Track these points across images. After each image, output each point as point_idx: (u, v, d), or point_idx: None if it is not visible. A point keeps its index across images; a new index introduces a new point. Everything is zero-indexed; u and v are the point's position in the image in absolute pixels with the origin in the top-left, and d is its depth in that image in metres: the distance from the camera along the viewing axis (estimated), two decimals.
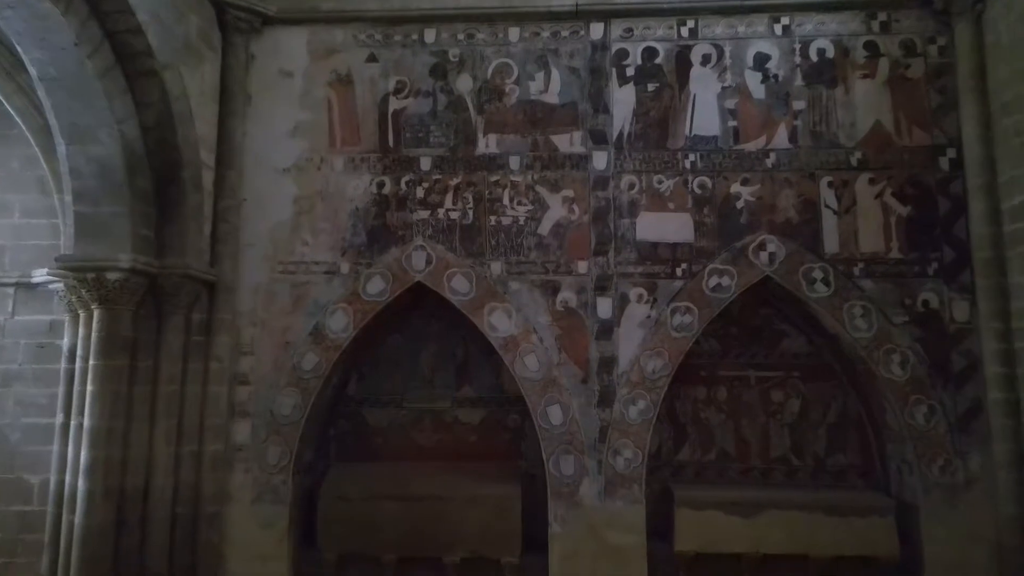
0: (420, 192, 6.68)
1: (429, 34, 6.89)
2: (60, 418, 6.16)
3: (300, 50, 6.92)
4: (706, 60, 6.73)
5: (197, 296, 6.34)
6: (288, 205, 6.72)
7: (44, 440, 6.63)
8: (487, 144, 6.73)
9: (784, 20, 6.70)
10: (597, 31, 6.80)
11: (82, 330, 6.03)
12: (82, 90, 5.56)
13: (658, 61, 6.76)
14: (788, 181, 6.49)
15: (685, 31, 6.76)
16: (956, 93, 6.39)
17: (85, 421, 5.78)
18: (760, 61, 6.68)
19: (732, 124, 6.61)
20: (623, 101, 6.71)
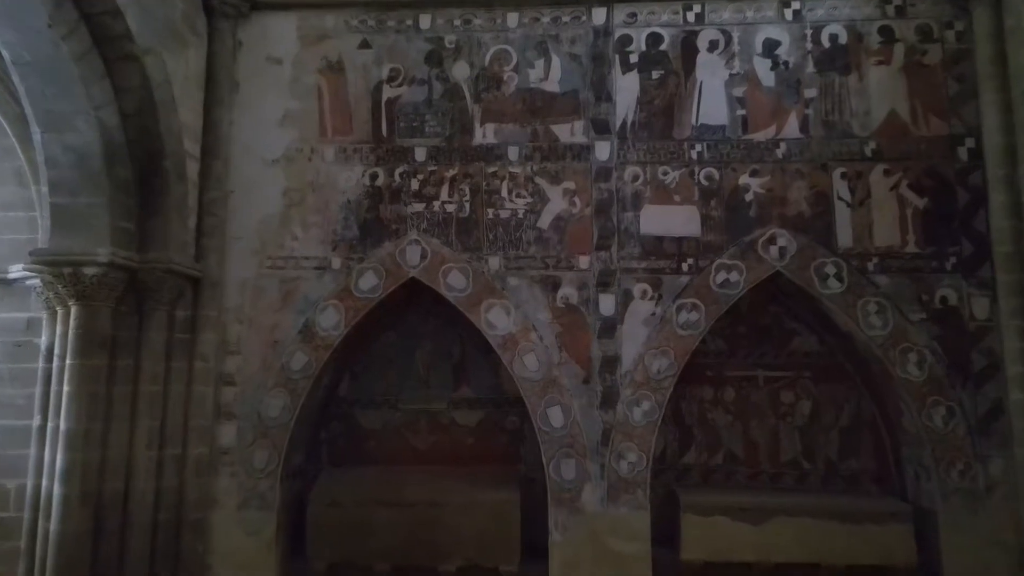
0: (415, 184, 6.55)
1: (424, 19, 6.74)
2: (37, 420, 5.96)
3: (289, 36, 6.78)
4: (713, 46, 6.58)
5: (181, 292, 6.19)
6: (277, 197, 6.58)
7: (21, 443, 6.38)
8: (484, 134, 6.58)
9: (795, 4, 6.55)
10: (599, 16, 6.65)
11: (59, 328, 5.84)
12: (57, 75, 5.37)
13: (663, 47, 6.61)
14: (799, 172, 6.36)
15: (691, 16, 6.62)
16: (975, 80, 6.26)
17: (61, 423, 5.63)
18: (770, 47, 6.54)
19: (740, 113, 6.47)
20: (626, 89, 6.56)
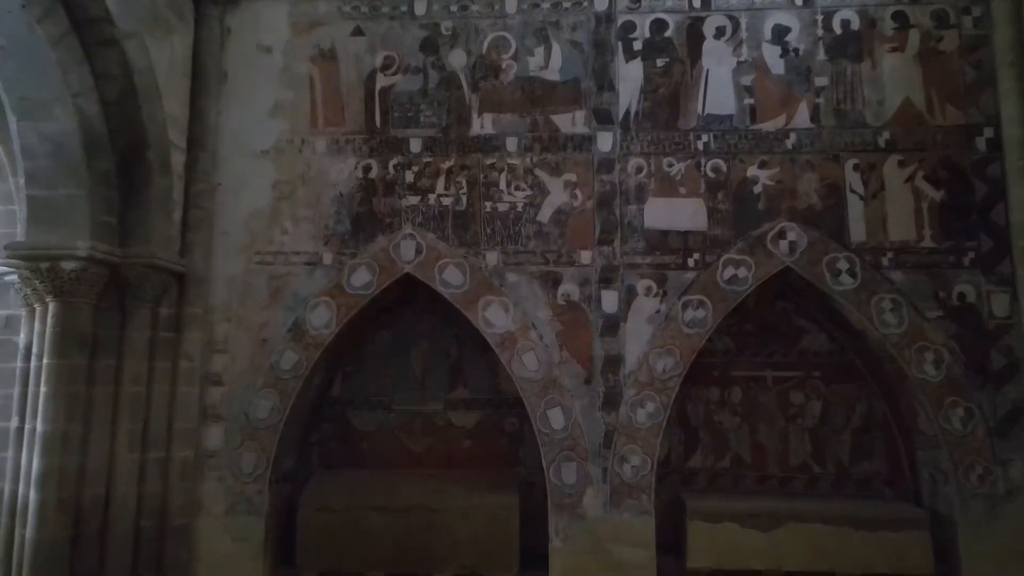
0: (409, 176, 6.35)
1: (419, 5, 6.54)
2: (15, 422, 5.79)
3: (280, 23, 6.60)
4: (720, 33, 6.36)
5: (165, 288, 5.99)
6: (266, 190, 6.40)
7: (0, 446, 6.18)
8: (482, 124, 6.38)
9: None
10: (602, 2, 6.45)
11: (38, 325, 5.67)
12: (33, 59, 5.19)
13: (668, 34, 6.40)
14: (810, 164, 6.15)
15: (697, 1, 6.41)
16: (993, 67, 6.10)
17: (38, 425, 5.44)
18: (779, 34, 6.32)
19: (748, 102, 6.26)
20: (630, 78, 6.36)
